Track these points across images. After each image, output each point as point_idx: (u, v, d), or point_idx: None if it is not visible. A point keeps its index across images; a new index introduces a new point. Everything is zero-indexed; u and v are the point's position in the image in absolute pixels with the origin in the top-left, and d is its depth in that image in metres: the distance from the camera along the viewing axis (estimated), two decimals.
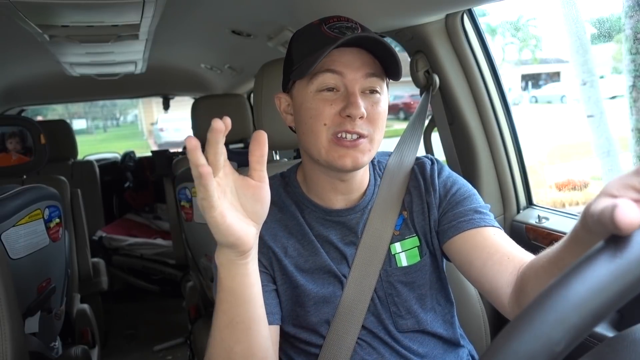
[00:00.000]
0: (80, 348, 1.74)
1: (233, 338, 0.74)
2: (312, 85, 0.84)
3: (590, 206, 0.47)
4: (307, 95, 0.85)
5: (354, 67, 0.83)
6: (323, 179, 0.91)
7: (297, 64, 0.86)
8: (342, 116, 0.83)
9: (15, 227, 1.50)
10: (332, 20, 0.86)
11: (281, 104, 0.93)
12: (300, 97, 0.87)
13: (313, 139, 0.85)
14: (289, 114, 0.92)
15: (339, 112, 0.83)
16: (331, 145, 0.84)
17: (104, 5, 1.40)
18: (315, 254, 0.92)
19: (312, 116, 0.84)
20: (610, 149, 2.50)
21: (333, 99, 0.84)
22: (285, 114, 0.93)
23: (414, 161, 1.00)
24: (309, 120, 0.85)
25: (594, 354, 0.44)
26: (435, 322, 0.95)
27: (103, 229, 3.55)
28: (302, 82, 0.86)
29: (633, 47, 1.87)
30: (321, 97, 0.84)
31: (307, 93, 0.85)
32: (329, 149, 0.84)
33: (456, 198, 0.92)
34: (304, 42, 0.88)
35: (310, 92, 0.85)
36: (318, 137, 0.84)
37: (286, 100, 0.92)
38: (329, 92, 0.84)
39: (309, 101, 0.85)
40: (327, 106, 0.84)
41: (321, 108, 0.84)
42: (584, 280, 0.36)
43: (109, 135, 18.18)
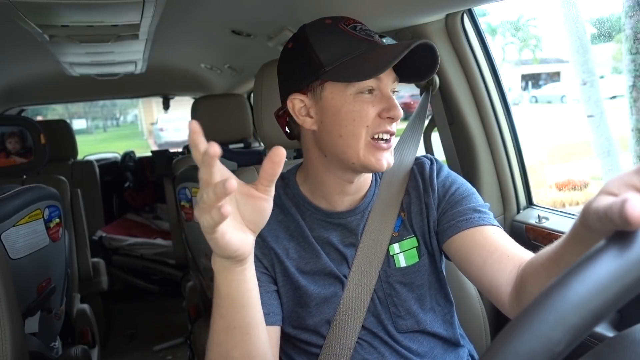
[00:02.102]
0: (80, 348, 1.74)
1: (230, 343, 0.74)
2: (352, 88, 0.83)
3: (591, 204, 0.47)
4: (346, 97, 0.83)
5: (388, 71, 0.84)
6: (333, 181, 0.91)
7: (332, 65, 0.83)
8: (382, 118, 0.84)
9: (15, 227, 1.50)
10: (350, 22, 0.86)
11: (294, 106, 0.88)
12: (337, 99, 0.84)
13: (353, 141, 0.84)
14: (308, 116, 0.87)
15: (379, 113, 0.84)
16: (368, 148, 0.84)
17: (104, 5, 1.40)
18: (316, 256, 0.92)
19: (355, 118, 0.83)
20: (610, 149, 2.50)
21: (373, 101, 0.84)
22: (302, 117, 0.88)
23: (413, 161, 1.00)
24: (351, 122, 0.84)
25: (594, 354, 0.43)
26: (435, 322, 0.95)
27: (103, 229, 3.55)
28: (338, 84, 0.84)
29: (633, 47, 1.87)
30: (363, 99, 0.84)
31: (346, 95, 0.83)
32: (366, 151, 0.84)
33: (455, 197, 0.92)
34: (331, 42, 0.84)
35: (350, 94, 0.83)
36: (359, 140, 0.84)
37: (302, 101, 0.87)
38: (370, 94, 0.84)
39: (350, 104, 0.83)
40: (370, 107, 0.84)
41: (365, 110, 0.83)
42: (584, 280, 0.36)
43: (109, 135, 18.18)
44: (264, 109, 1.17)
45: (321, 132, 0.87)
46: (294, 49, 0.89)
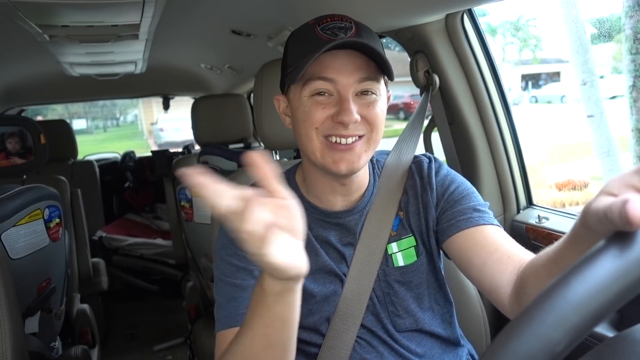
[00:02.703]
0: (80, 348, 1.75)
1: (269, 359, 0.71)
2: (304, 90, 0.84)
3: (591, 204, 0.47)
4: (300, 99, 0.85)
5: (346, 72, 0.82)
6: (322, 180, 0.91)
7: (292, 67, 0.86)
8: (334, 121, 0.83)
9: (15, 227, 1.50)
10: (326, 21, 0.85)
11: (280, 106, 0.93)
12: (295, 100, 0.87)
13: (307, 141, 0.85)
14: (287, 115, 0.92)
15: (332, 116, 0.83)
16: (325, 150, 0.84)
17: (104, 5, 1.40)
18: (316, 254, 0.92)
19: (304, 120, 0.84)
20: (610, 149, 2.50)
21: (326, 103, 0.83)
22: (284, 116, 0.93)
23: (411, 160, 1.00)
24: (302, 123, 0.85)
25: (594, 354, 0.44)
26: (434, 322, 0.95)
27: (103, 229, 3.55)
28: (296, 86, 0.86)
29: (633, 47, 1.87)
30: (313, 101, 0.84)
31: (301, 97, 0.85)
32: (323, 153, 0.84)
33: (455, 196, 0.92)
34: (299, 43, 0.87)
35: (304, 96, 0.84)
36: (311, 141, 0.85)
37: (284, 101, 0.92)
38: (321, 96, 0.84)
39: (302, 105, 0.85)
40: (319, 110, 0.83)
41: (313, 112, 0.84)
42: (584, 280, 0.36)
43: (109, 135, 18.18)
44: (264, 109, 1.17)
45: (293, 132, 0.91)
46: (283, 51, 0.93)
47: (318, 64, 0.81)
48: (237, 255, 0.88)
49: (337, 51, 0.82)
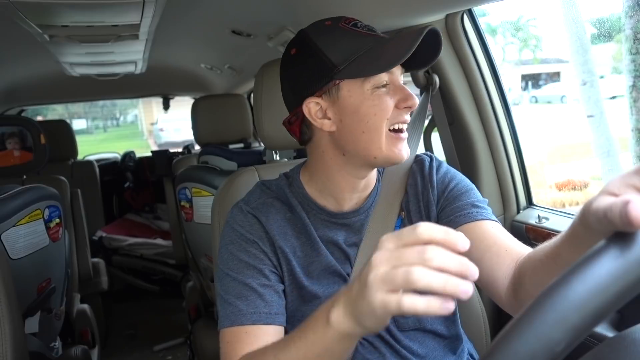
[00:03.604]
0: (80, 348, 1.75)
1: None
2: (368, 83, 0.84)
3: (591, 204, 0.47)
4: (364, 94, 0.84)
5: None
6: (346, 179, 0.91)
7: (345, 64, 0.83)
8: (399, 108, 0.85)
9: (15, 227, 1.50)
10: (349, 20, 0.87)
11: (311, 110, 0.86)
12: (355, 96, 0.84)
13: (376, 136, 0.85)
14: (325, 118, 0.87)
15: (396, 104, 0.85)
16: (389, 140, 0.85)
17: (104, 5, 1.40)
18: (321, 255, 0.92)
19: (377, 113, 0.84)
20: (610, 149, 2.50)
21: (388, 93, 0.85)
22: (319, 120, 0.87)
23: (413, 160, 1.01)
24: (373, 117, 0.84)
25: (594, 354, 0.44)
26: (436, 320, 0.96)
27: (103, 229, 3.55)
28: (354, 82, 0.84)
29: (633, 47, 1.87)
30: (380, 93, 0.84)
31: (364, 92, 0.84)
32: (388, 144, 0.85)
33: (454, 193, 0.93)
34: (338, 41, 0.84)
35: (367, 90, 0.84)
36: (380, 134, 0.85)
37: (318, 104, 0.86)
38: (385, 87, 0.85)
39: (369, 99, 0.84)
40: (388, 99, 0.85)
41: (385, 103, 0.84)
42: (584, 280, 0.36)
43: (109, 135, 18.18)
44: (264, 109, 1.17)
45: (340, 131, 0.87)
46: (299, 54, 0.87)
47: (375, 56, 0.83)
48: (247, 252, 0.88)
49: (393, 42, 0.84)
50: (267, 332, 0.84)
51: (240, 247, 0.89)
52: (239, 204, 0.95)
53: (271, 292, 0.87)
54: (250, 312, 0.84)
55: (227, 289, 0.87)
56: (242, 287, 0.86)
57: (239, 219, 0.92)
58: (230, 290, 0.87)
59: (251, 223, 0.91)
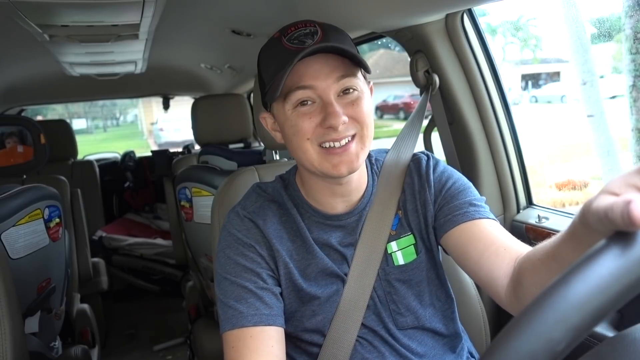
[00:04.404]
0: (80, 348, 1.75)
1: None
2: (287, 104, 0.84)
3: (591, 203, 0.46)
4: (285, 113, 0.85)
5: (322, 75, 0.82)
6: (321, 185, 0.91)
7: (269, 85, 0.86)
8: (323, 127, 0.82)
9: (15, 227, 1.50)
10: (291, 30, 0.85)
11: (267, 123, 0.93)
12: (280, 116, 0.87)
13: (302, 153, 0.85)
14: (277, 131, 0.92)
15: (320, 123, 0.83)
16: (322, 156, 0.84)
17: (104, 5, 1.40)
18: (316, 257, 0.92)
19: (294, 133, 0.84)
20: (610, 149, 2.49)
21: (311, 112, 0.83)
22: (274, 132, 0.93)
23: (410, 158, 1.01)
24: (293, 137, 0.85)
25: (594, 353, 0.44)
26: (435, 318, 0.96)
27: (103, 228, 3.55)
28: (278, 102, 0.86)
29: (633, 46, 1.87)
30: (298, 113, 0.83)
31: (285, 112, 0.85)
32: (320, 160, 0.84)
33: (451, 192, 0.93)
34: (270, 59, 0.87)
35: (287, 110, 0.84)
36: (306, 152, 0.85)
37: (270, 118, 0.92)
38: (305, 106, 0.83)
39: (288, 119, 0.85)
40: (306, 121, 0.83)
41: (301, 124, 0.83)
42: (585, 279, 0.36)
43: (109, 135, 18.19)
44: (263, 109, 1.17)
45: (286, 145, 0.90)
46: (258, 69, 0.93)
47: (293, 75, 0.81)
48: (245, 255, 0.89)
49: (309, 58, 0.81)
50: (270, 334, 0.84)
51: (238, 250, 0.89)
52: (236, 208, 0.95)
53: (269, 295, 0.87)
54: (251, 314, 0.84)
55: (226, 293, 0.87)
56: (241, 290, 0.86)
57: (235, 223, 0.92)
58: (229, 293, 0.87)
59: (248, 227, 0.91)
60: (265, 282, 0.88)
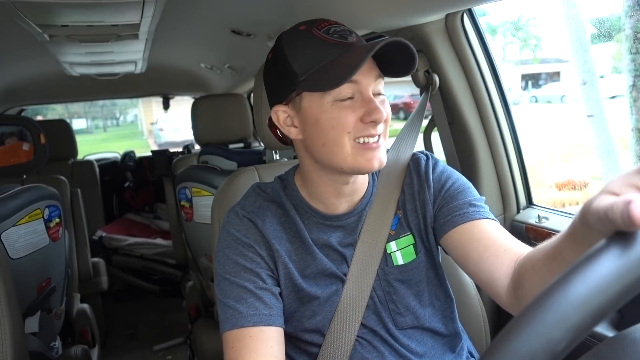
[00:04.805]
0: (80, 348, 1.75)
1: None
2: (328, 96, 0.82)
3: (591, 203, 0.46)
4: (323, 106, 0.83)
5: (366, 72, 0.82)
6: (328, 184, 0.91)
7: (306, 74, 0.82)
8: (364, 122, 0.82)
9: (15, 226, 1.50)
10: (324, 25, 0.84)
11: (279, 117, 0.88)
12: (315, 108, 0.84)
13: (337, 148, 0.84)
14: (293, 126, 0.88)
15: (361, 118, 0.82)
16: (356, 151, 0.83)
17: (103, 5, 1.40)
18: (316, 258, 0.92)
19: (335, 126, 0.83)
20: (610, 149, 2.49)
21: (352, 106, 0.83)
22: (287, 127, 0.89)
23: (409, 158, 1.00)
24: (331, 130, 0.83)
25: (594, 353, 0.44)
26: (434, 318, 0.96)
27: (103, 228, 3.55)
28: (315, 94, 0.83)
29: (633, 46, 1.87)
30: (341, 106, 0.82)
31: (324, 104, 0.83)
32: (354, 155, 0.84)
33: (451, 192, 0.92)
34: (304, 49, 0.84)
35: (327, 102, 0.82)
36: (342, 146, 0.83)
37: (285, 112, 0.88)
38: (346, 100, 0.83)
39: (328, 111, 0.82)
40: (349, 114, 0.82)
41: (344, 117, 0.82)
42: (585, 279, 0.36)
43: (109, 135, 18.19)
44: (264, 109, 1.17)
45: (306, 140, 0.87)
46: (272, 59, 0.88)
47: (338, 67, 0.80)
48: (244, 255, 0.88)
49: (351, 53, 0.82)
50: (269, 334, 0.84)
51: (237, 250, 0.89)
52: (235, 208, 0.95)
53: (269, 295, 0.87)
54: (250, 314, 0.84)
55: (226, 293, 0.87)
56: (240, 290, 0.86)
57: (235, 223, 0.92)
58: (228, 293, 0.87)
59: (247, 227, 0.91)
60: (265, 282, 0.88)
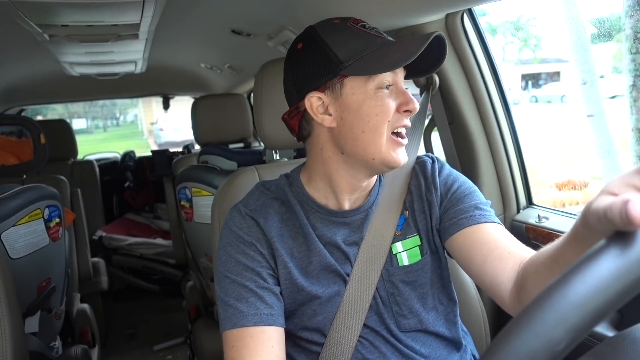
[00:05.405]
0: (80, 348, 1.75)
1: None
2: (372, 83, 0.83)
3: (591, 204, 0.47)
4: (367, 92, 0.84)
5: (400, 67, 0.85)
6: (345, 179, 0.91)
7: (351, 60, 0.83)
8: (399, 112, 0.85)
9: (15, 226, 1.50)
10: (357, 21, 0.87)
11: (312, 104, 0.86)
12: (358, 94, 0.84)
13: (376, 136, 0.84)
14: (327, 114, 0.86)
15: (397, 107, 0.85)
16: (389, 143, 0.85)
17: (103, 4, 1.40)
18: (319, 254, 0.91)
19: (378, 113, 0.84)
20: (610, 149, 2.49)
21: (390, 95, 0.85)
22: (320, 115, 0.87)
23: (414, 160, 1.01)
24: (374, 117, 0.84)
25: (594, 353, 0.44)
26: (437, 322, 0.95)
27: (103, 228, 3.54)
28: (358, 80, 0.84)
29: (633, 46, 1.87)
30: (383, 94, 0.84)
31: (367, 91, 0.84)
32: (387, 147, 0.85)
33: (457, 195, 0.93)
34: (346, 39, 0.85)
35: (371, 89, 0.84)
36: (381, 135, 0.84)
37: (320, 99, 0.86)
38: (387, 89, 0.85)
39: (372, 98, 0.84)
40: (390, 102, 0.85)
41: (387, 105, 0.84)
42: (585, 279, 0.36)
43: (109, 135, 18.18)
44: (264, 108, 1.17)
45: (341, 128, 0.87)
46: (305, 48, 0.88)
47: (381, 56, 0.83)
48: (245, 254, 0.88)
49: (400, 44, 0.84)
50: (270, 334, 0.84)
51: (238, 249, 0.89)
52: (238, 205, 0.95)
53: (270, 294, 0.87)
54: (251, 314, 0.84)
55: (227, 291, 0.87)
56: (241, 289, 0.86)
57: (237, 221, 0.92)
58: (229, 292, 0.87)
59: (249, 225, 0.91)
60: (266, 281, 0.88)
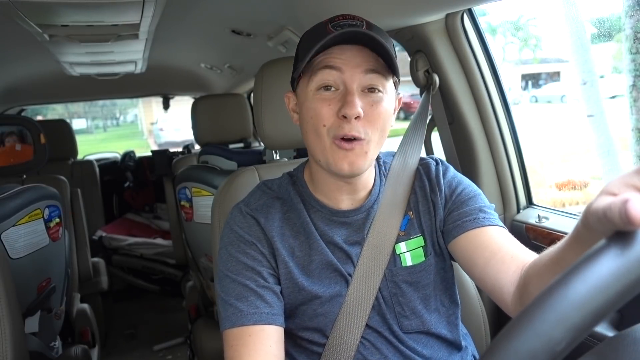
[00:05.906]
0: (80, 348, 1.75)
1: None
2: (312, 84, 0.84)
3: (592, 205, 0.47)
4: (307, 94, 0.85)
5: (353, 63, 0.82)
6: (328, 179, 0.91)
7: (302, 61, 0.85)
8: (339, 117, 0.81)
9: (15, 226, 1.50)
10: (338, 19, 0.86)
11: (289, 103, 0.94)
12: (302, 95, 0.87)
13: (315, 139, 0.85)
14: (296, 112, 0.92)
15: (336, 112, 0.82)
16: (332, 148, 0.83)
17: (103, 4, 1.40)
18: (321, 253, 0.91)
19: (312, 116, 0.84)
20: (610, 149, 2.49)
21: (331, 99, 0.83)
22: (292, 113, 0.94)
23: (417, 162, 1.00)
24: (310, 121, 0.85)
25: (594, 353, 0.44)
26: (440, 324, 0.95)
27: (103, 228, 3.55)
28: (304, 80, 0.86)
29: (633, 46, 1.87)
30: (320, 97, 0.83)
31: (308, 92, 0.85)
32: (330, 151, 0.84)
33: (461, 198, 0.93)
34: (309, 40, 0.86)
35: (311, 90, 0.84)
36: (321, 138, 0.84)
37: (294, 98, 0.93)
38: (327, 91, 0.83)
39: (309, 100, 0.85)
40: (325, 106, 0.83)
41: (319, 108, 0.83)
42: (585, 279, 0.36)
43: (109, 135, 18.17)
44: (264, 108, 1.17)
45: (301, 128, 0.90)
46: None
47: (326, 55, 0.83)
48: (246, 253, 0.89)
49: (346, 45, 0.83)
50: (269, 334, 0.84)
51: (239, 248, 0.89)
52: (239, 205, 0.95)
53: (270, 293, 0.87)
54: (251, 313, 0.84)
55: (227, 290, 0.87)
56: (242, 289, 0.86)
57: (238, 220, 0.92)
58: (230, 291, 0.87)
59: (250, 224, 0.91)
60: (266, 280, 0.88)
